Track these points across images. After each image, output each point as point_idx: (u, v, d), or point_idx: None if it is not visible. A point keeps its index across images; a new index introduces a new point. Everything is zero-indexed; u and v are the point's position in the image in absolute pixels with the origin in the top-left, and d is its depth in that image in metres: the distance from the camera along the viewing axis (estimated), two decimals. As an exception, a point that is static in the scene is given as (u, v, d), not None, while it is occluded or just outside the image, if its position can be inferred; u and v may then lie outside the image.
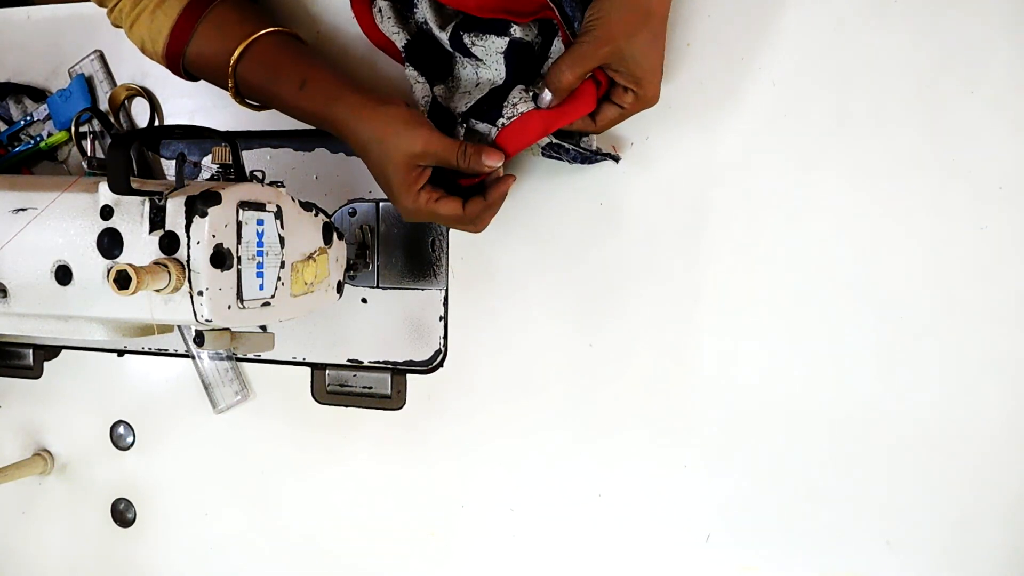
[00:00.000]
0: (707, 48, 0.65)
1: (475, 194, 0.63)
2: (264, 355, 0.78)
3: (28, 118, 0.82)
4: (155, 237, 0.53)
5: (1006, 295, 0.61)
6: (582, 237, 0.69)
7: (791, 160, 0.64)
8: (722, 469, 0.67)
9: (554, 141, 0.64)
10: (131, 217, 0.54)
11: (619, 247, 0.68)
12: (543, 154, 0.65)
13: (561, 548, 0.72)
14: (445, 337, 0.73)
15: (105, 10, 0.69)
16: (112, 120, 0.80)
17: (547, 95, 0.60)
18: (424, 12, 0.66)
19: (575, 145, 0.65)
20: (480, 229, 0.64)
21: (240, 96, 0.67)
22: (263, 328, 0.70)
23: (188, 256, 0.52)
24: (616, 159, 0.67)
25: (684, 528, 0.69)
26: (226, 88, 0.66)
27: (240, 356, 0.79)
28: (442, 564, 0.75)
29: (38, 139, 0.82)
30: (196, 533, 0.82)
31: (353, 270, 0.70)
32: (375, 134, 0.61)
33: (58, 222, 0.57)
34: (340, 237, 0.66)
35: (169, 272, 0.51)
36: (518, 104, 0.61)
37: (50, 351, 0.85)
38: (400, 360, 0.75)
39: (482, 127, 0.62)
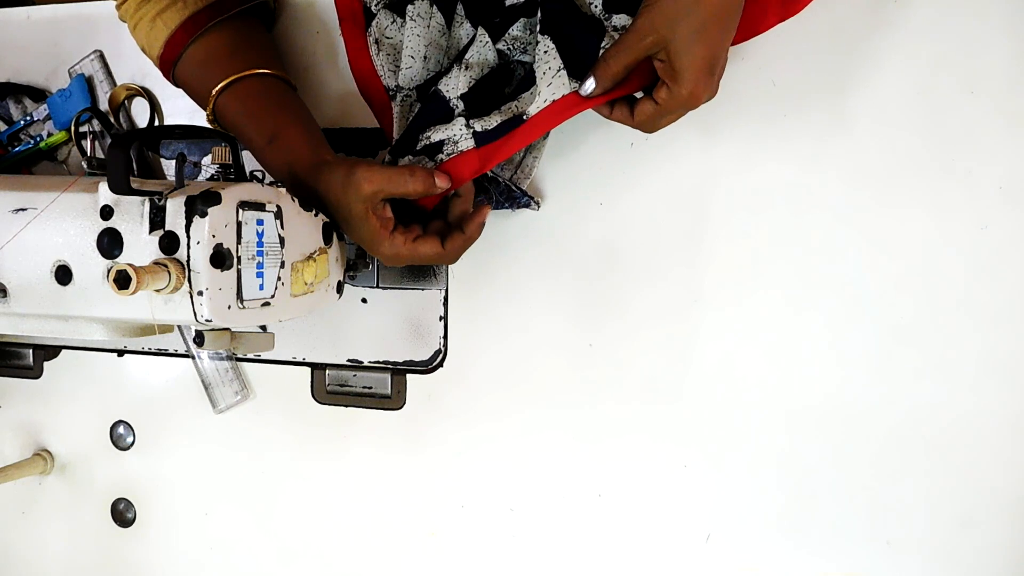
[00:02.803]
0: (707, 48, 0.65)
1: (453, 230, 0.63)
2: (264, 355, 0.78)
3: (28, 118, 0.82)
4: (155, 237, 0.53)
5: (1006, 295, 0.61)
6: (582, 237, 0.69)
7: (791, 160, 0.64)
8: (722, 469, 0.67)
9: (490, 173, 0.65)
10: (131, 217, 0.54)
11: (619, 247, 0.68)
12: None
13: (561, 548, 0.72)
14: (445, 337, 0.73)
15: (114, 3, 0.69)
16: (112, 120, 0.80)
17: (590, 83, 0.58)
18: None
19: (507, 180, 0.66)
20: (455, 261, 0.64)
21: (217, 123, 0.67)
22: (263, 328, 0.70)
23: (188, 256, 0.52)
24: (537, 205, 0.69)
25: (684, 528, 0.69)
26: (205, 109, 0.67)
27: (240, 356, 0.79)
28: (442, 564, 0.75)
29: (38, 139, 0.82)
30: (196, 533, 0.82)
31: (353, 270, 0.70)
32: (330, 196, 0.61)
33: (58, 222, 0.57)
34: (340, 237, 0.66)
35: (169, 272, 0.51)
36: (459, 142, 0.62)
37: (50, 351, 0.85)
38: (400, 360, 0.75)
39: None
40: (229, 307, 0.54)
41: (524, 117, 0.61)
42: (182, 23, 0.65)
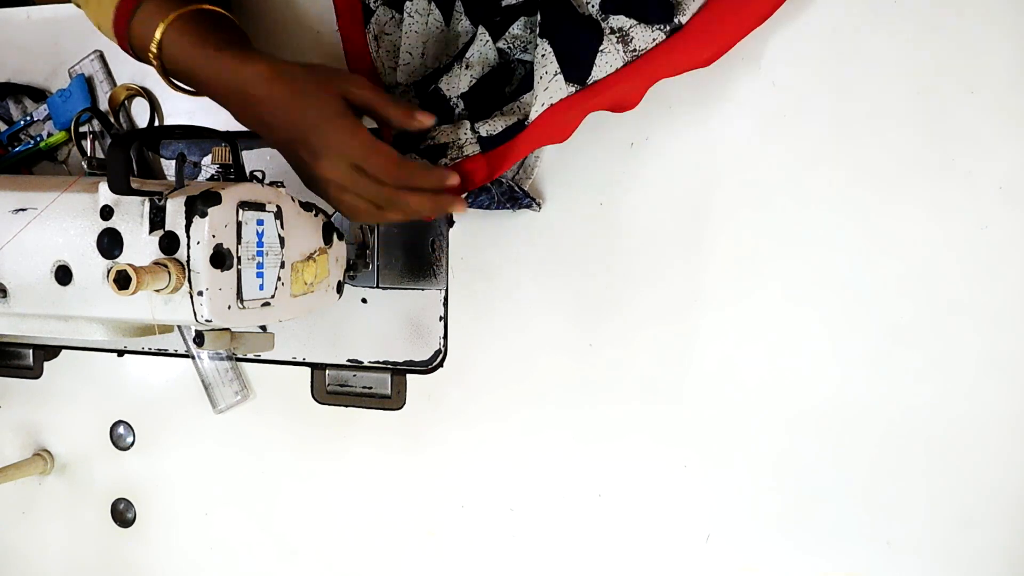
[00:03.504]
0: (707, 48, 0.65)
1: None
2: (264, 355, 0.78)
3: (28, 118, 0.82)
4: (155, 237, 0.53)
5: (1006, 295, 0.61)
6: (582, 237, 0.69)
7: (791, 160, 0.64)
8: (722, 469, 0.67)
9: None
10: (131, 217, 0.54)
11: (619, 247, 0.68)
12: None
13: (561, 548, 0.72)
14: (445, 337, 0.73)
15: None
16: (112, 120, 0.80)
17: None
18: None
19: (510, 180, 0.67)
20: (454, 205, 0.60)
21: (167, 75, 0.62)
22: (263, 328, 0.70)
23: (188, 256, 0.52)
24: (539, 206, 0.69)
25: (684, 528, 0.69)
26: (151, 59, 0.62)
27: (240, 356, 0.79)
28: (442, 564, 0.75)
29: (38, 139, 0.82)
30: (196, 533, 0.82)
31: (353, 270, 0.70)
32: (295, 87, 0.56)
33: (58, 222, 0.57)
34: (340, 237, 0.66)
35: (169, 272, 0.51)
36: (464, 146, 0.62)
37: (50, 351, 0.85)
38: (400, 360, 0.75)
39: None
40: (229, 307, 0.54)
41: (526, 122, 0.61)
42: None
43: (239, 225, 0.54)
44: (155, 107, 0.80)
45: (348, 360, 0.76)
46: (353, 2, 0.71)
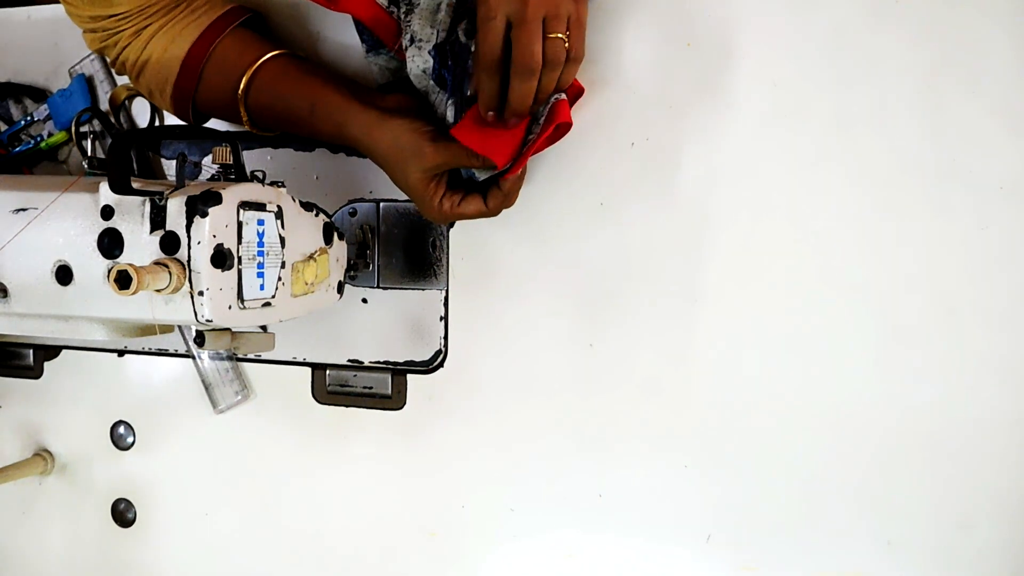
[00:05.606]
0: (707, 48, 0.65)
1: (492, 186, 0.64)
2: (264, 355, 0.78)
3: (28, 118, 0.82)
4: (156, 237, 0.53)
5: (1006, 295, 0.61)
6: (582, 237, 0.69)
7: (791, 160, 0.64)
8: (722, 469, 0.67)
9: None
10: (132, 217, 0.54)
11: (619, 247, 0.68)
12: None
13: (561, 548, 0.72)
14: (445, 337, 0.73)
15: (109, 60, 0.71)
16: (112, 120, 0.80)
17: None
18: None
19: None
20: (511, 204, 0.66)
21: (256, 127, 0.68)
22: (263, 328, 0.70)
23: (189, 256, 0.52)
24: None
25: (684, 528, 0.69)
26: (240, 123, 0.68)
27: (240, 356, 0.79)
28: (442, 564, 0.75)
29: (38, 139, 0.82)
30: (196, 533, 0.82)
31: (353, 270, 0.70)
32: (388, 154, 0.63)
33: (58, 222, 0.57)
34: (341, 237, 0.66)
35: (170, 272, 0.51)
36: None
37: (50, 351, 0.85)
38: (400, 360, 0.75)
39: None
40: (230, 307, 0.54)
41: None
42: (189, 49, 0.66)
43: (240, 225, 0.54)
44: (155, 107, 0.79)
45: (348, 360, 0.76)
46: None
